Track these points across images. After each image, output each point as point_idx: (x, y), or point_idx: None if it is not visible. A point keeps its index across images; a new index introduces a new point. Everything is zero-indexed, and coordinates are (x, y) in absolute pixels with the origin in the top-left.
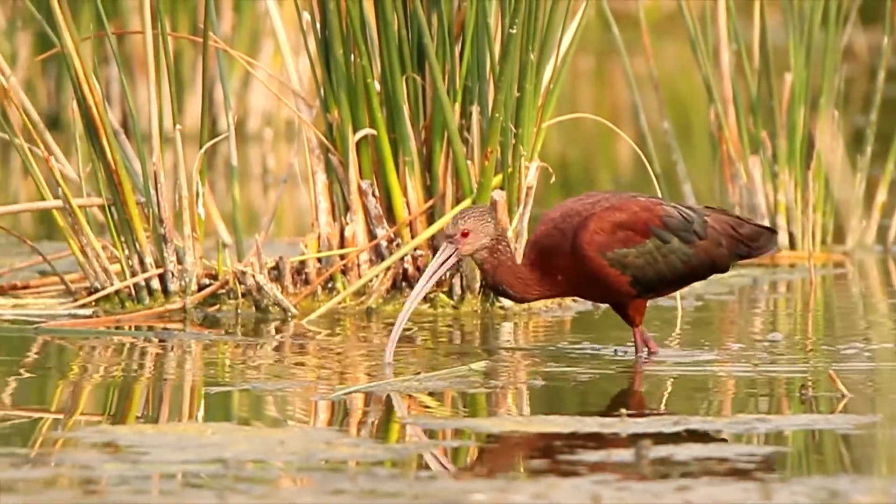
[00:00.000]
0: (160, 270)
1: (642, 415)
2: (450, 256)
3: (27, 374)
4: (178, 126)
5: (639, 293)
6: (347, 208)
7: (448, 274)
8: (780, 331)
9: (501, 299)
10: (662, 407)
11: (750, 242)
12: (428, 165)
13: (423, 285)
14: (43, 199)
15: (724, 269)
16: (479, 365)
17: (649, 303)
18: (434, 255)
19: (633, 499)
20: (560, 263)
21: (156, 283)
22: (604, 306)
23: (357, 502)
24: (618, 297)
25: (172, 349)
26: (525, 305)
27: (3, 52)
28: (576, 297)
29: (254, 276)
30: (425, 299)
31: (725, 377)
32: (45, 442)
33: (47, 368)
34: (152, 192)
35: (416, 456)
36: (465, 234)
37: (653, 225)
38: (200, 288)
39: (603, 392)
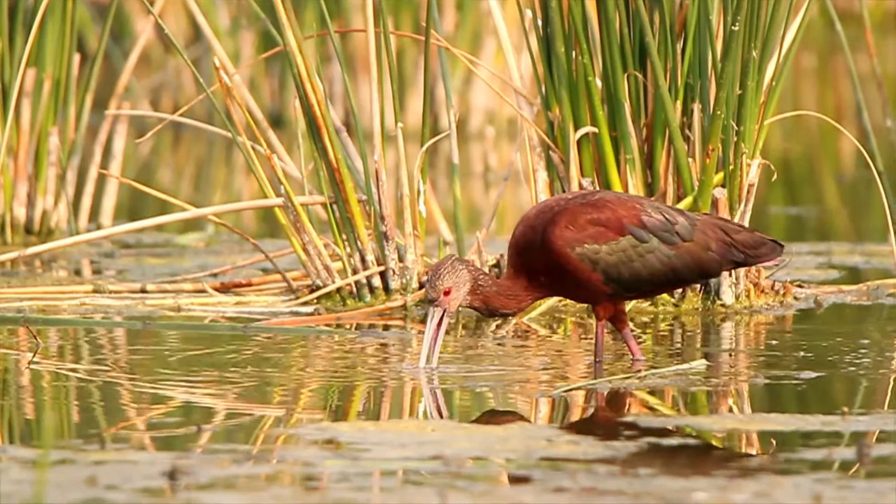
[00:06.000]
0: (381, 268)
1: (864, 413)
2: (441, 318)
3: (248, 372)
4: (399, 124)
5: (614, 292)
6: None
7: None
8: None
9: (722, 297)
10: (885, 405)
11: (746, 250)
12: (649, 163)
13: (427, 353)
14: (265, 196)
15: (715, 274)
16: (701, 363)
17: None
18: (427, 321)
19: (855, 498)
20: (536, 261)
21: (377, 281)
22: (827, 303)
23: (577, 500)
24: (594, 296)
25: (393, 347)
26: (745, 303)
27: (227, 51)
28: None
29: None
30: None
31: None
32: (266, 439)
33: (268, 366)
34: (374, 189)
35: (637, 454)
36: (447, 293)
37: (629, 223)
38: (421, 286)
39: (824, 390)
